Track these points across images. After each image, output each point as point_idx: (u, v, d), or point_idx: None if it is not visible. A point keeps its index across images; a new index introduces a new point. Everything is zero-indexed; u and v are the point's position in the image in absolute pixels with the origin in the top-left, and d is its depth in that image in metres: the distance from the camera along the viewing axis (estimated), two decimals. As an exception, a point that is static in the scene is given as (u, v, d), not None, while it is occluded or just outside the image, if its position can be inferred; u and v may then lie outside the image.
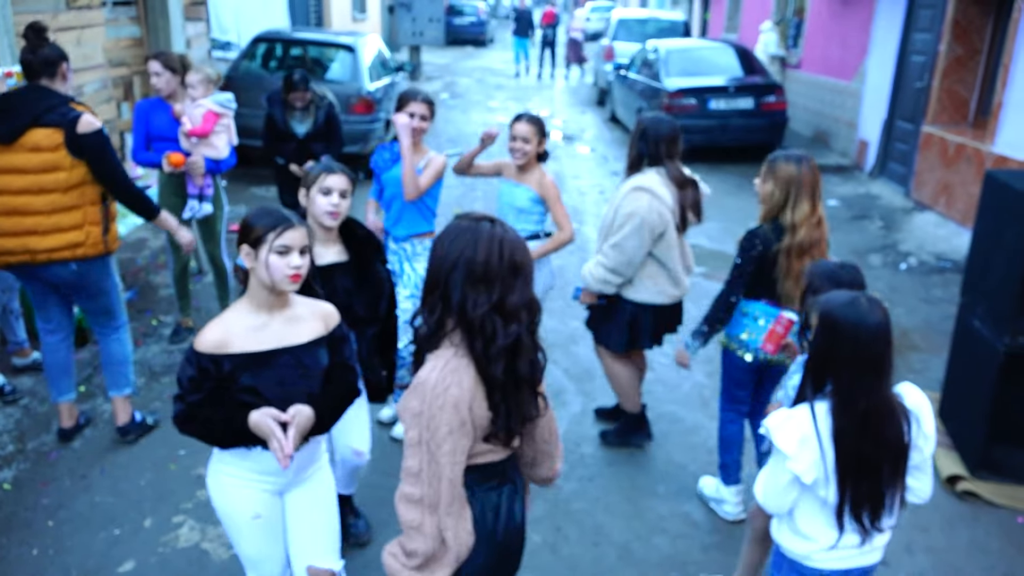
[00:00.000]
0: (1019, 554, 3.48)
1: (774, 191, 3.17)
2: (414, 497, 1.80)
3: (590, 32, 30.01)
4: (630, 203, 3.63)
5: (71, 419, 4.05)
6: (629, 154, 3.78)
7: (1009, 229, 3.78)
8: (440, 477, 1.79)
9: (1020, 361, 3.71)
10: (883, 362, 2.06)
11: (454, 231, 1.86)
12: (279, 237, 2.18)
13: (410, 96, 3.91)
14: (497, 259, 1.81)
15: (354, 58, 9.07)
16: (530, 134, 3.88)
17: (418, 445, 1.79)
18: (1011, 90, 7.06)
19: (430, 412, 1.78)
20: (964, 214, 7.61)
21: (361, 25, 17.91)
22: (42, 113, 3.46)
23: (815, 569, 2.27)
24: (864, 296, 2.12)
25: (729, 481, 3.63)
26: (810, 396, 2.13)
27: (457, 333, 1.84)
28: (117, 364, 4.01)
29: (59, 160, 3.49)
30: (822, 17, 11.87)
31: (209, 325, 2.27)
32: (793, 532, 2.28)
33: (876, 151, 9.88)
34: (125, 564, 3.24)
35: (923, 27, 8.91)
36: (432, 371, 1.81)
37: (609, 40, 16.46)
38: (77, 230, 3.60)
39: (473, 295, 1.80)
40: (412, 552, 1.81)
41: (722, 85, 10.70)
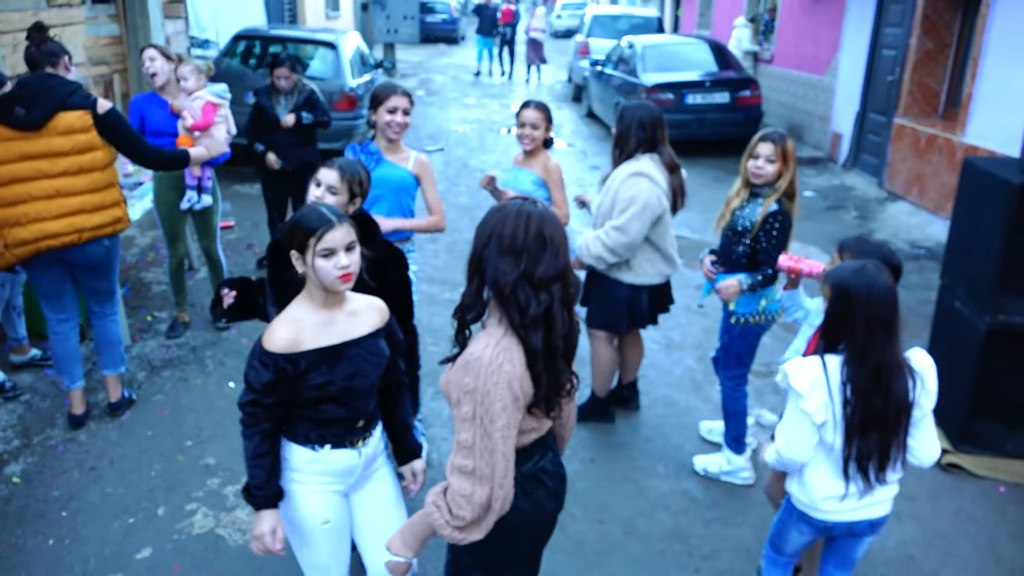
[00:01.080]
0: (1002, 520, 3.66)
1: (786, 167, 3.50)
2: (467, 469, 1.89)
3: (562, 29, 30.21)
4: (630, 188, 3.74)
5: (83, 406, 4.14)
6: (621, 142, 3.83)
7: (987, 213, 3.96)
8: (493, 451, 1.87)
9: (1000, 338, 3.90)
10: (893, 321, 2.25)
11: (491, 211, 1.98)
12: (320, 241, 2.15)
13: (388, 91, 3.64)
14: (523, 231, 1.90)
15: (336, 55, 9.10)
16: (538, 120, 3.94)
17: (472, 420, 1.87)
18: (980, 82, 7.30)
19: (484, 388, 1.85)
20: (936, 203, 7.85)
21: (335, 22, 17.84)
22: (66, 96, 3.59)
23: (822, 520, 2.46)
24: (871, 263, 2.31)
25: (741, 450, 3.85)
26: (822, 351, 2.35)
27: (497, 308, 1.93)
28: (115, 344, 4.17)
29: (93, 140, 3.68)
30: (794, 13, 12.11)
31: (276, 325, 2.23)
32: (801, 483, 2.46)
33: (849, 143, 10.12)
34: (142, 551, 3.29)
35: (894, 22, 9.16)
36: (485, 348, 1.88)
37: (584, 36, 16.61)
38: (117, 207, 3.85)
39: (503, 266, 1.90)
40: (458, 516, 1.90)
41: (698, 80, 10.89)
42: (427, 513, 1.97)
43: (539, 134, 3.97)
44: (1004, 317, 3.88)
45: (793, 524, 2.57)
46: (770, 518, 3.58)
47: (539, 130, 3.96)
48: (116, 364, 4.18)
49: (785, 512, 2.62)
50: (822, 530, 2.52)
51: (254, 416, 2.24)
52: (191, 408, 4.36)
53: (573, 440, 4.19)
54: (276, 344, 2.18)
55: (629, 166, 3.79)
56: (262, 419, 2.24)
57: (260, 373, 2.19)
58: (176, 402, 4.41)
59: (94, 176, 3.71)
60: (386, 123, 3.61)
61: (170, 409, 4.34)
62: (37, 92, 3.56)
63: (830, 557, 2.67)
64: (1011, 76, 6.89)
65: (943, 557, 3.42)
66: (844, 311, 2.27)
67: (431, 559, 3.20)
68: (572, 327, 1.99)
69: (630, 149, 3.81)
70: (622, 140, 3.83)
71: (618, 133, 3.84)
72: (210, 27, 10.31)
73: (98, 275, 3.96)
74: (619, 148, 3.85)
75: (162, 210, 5.00)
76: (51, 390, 4.46)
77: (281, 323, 2.23)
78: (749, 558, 3.38)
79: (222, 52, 9.32)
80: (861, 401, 2.25)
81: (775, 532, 2.70)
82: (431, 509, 1.96)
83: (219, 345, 5.09)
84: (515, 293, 1.89)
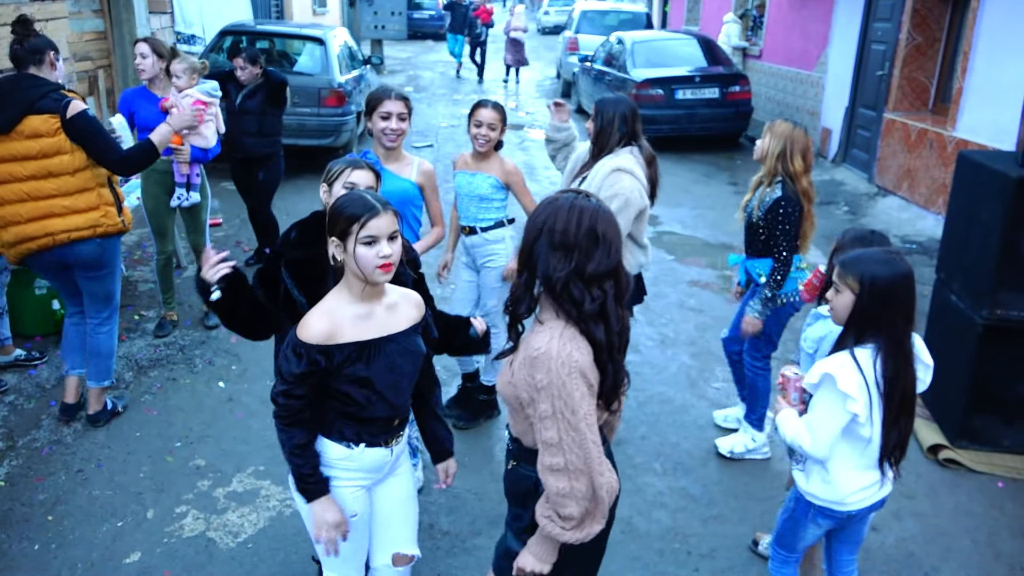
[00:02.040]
0: (1001, 516, 3.64)
1: (770, 142, 3.60)
2: (558, 466, 1.85)
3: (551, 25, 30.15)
4: (612, 184, 3.66)
5: (75, 396, 4.09)
6: (602, 137, 3.74)
7: (983, 207, 3.94)
8: (582, 442, 1.84)
9: (997, 333, 3.87)
10: (914, 307, 2.31)
11: (543, 204, 1.95)
12: (364, 228, 2.07)
13: (381, 95, 3.45)
14: (575, 227, 1.87)
15: (324, 50, 9.01)
16: (495, 120, 3.78)
17: (552, 416, 1.83)
18: (971, 76, 7.30)
19: (559, 381, 1.82)
20: (927, 198, 7.85)
21: (322, 18, 17.72)
22: (36, 100, 3.54)
23: (844, 512, 2.47)
24: (892, 251, 2.39)
25: (762, 428, 4.00)
26: (851, 345, 2.32)
27: (551, 302, 1.91)
28: (103, 356, 4.03)
29: (60, 144, 3.60)
30: (783, 8, 12.10)
31: (312, 316, 2.14)
32: (826, 481, 2.44)
33: (839, 138, 10.12)
34: (132, 555, 3.21)
35: (883, 16, 9.15)
36: (550, 341, 1.85)
37: (572, 32, 16.57)
38: (95, 210, 3.74)
39: (553, 261, 1.87)
40: (567, 516, 1.88)
41: (688, 75, 10.87)
42: (540, 525, 1.95)
43: (495, 135, 3.80)
44: (1001, 312, 3.85)
45: (809, 520, 2.55)
46: (769, 516, 3.56)
47: (495, 131, 3.79)
48: (100, 377, 4.04)
49: (798, 511, 2.58)
50: (842, 520, 2.53)
51: (287, 408, 2.18)
52: (180, 408, 4.29)
53: (569, 438, 4.16)
54: (311, 335, 2.10)
55: (611, 161, 3.71)
56: (296, 410, 2.18)
57: (293, 364, 2.12)
58: (165, 402, 4.33)
59: (63, 180, 3.64)
60: (380, 130, 3.43)
61: (159, 410, 4.26)
62: (7, 94, 3.54)
63: (842, 543, 2.67)
64: (1002, 70, 6.89)
65: (943, 553, 3.40)
66: (879, 303, 2.26)
67: (425, 560, 3.15)
68: (625, 323, 1.97)
69: (612, 144, 3.74)
70: (603, 135, 3.75)
71: (599, 128, 3.75)
72: (196, 22, 10.19)
73: (93, 277, 3.89)
74: (599, 144, 3.76)
75: (149, 206, 4.93)
76: (36, 391, 4.38)
77: (317, 314, 2.14)
78: (748, 557, 3.34)
79: (208, 48, 9.20)
80: (897, 391, 2.28)
81: (785, 531, 2.66)
82: (542, 522, 1.94)
83: (208, 344, 5.01)
84: (567, 289, 1.87)
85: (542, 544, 2.00)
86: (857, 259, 2.35)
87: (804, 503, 2.54)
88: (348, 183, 2.47)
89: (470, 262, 4.09)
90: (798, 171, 3.56)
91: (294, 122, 7.85)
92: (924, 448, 4.08)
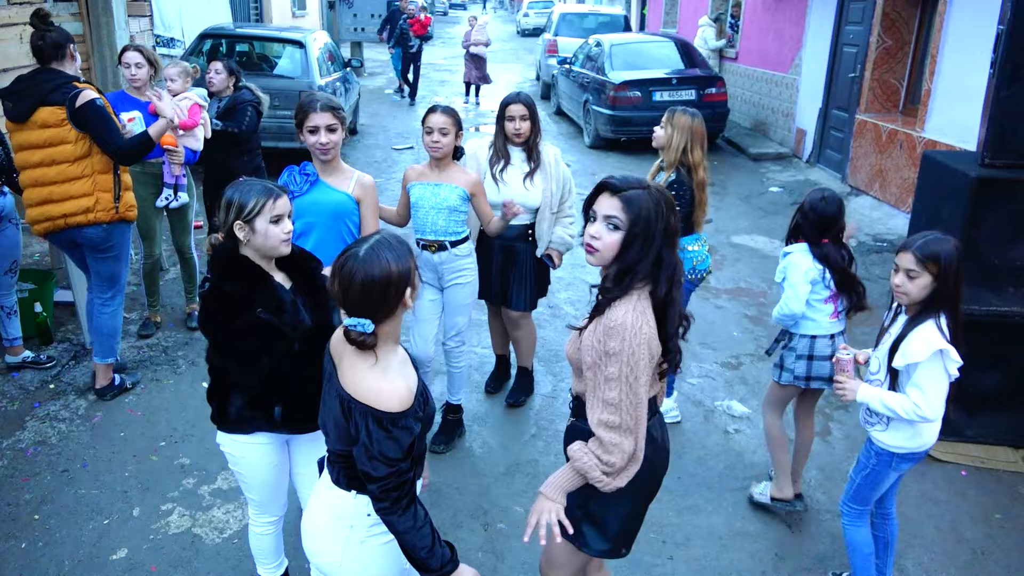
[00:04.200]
0: (964, 503, 3.78)
1: (674, 135, 3.92)
2: (614, 423, 2.07)
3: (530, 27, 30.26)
4: (565, 169, 4.14)
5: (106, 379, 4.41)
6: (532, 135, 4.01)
7: (946, 205, 4.08)
8: (638, 404, 2.07)
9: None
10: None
11: (646, 204, 2.08)
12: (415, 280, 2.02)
13: (308, 108, 3.16)
14: (675, 216, 2.13)
15: (304, 53, 9.06)
16: (449, 125, 3.63)
17: (618, 379, 2.04)
18: (939, 79, 7.49)
19: (630, 349, 2.03)
20: (898, 197, 8.03)
21: (301, 21, 17.73)
22: (48, 93, 3.83)
23: (924, 451, 2.90)
24: (942, 234, 2.77)
25: (669, 393, 4.36)
26: (935, 318, 2.72)
27: (643, 281, 2.10)
28: (107, 335, 4.27)
29: (64, 134, 3.89)
30: (758, 11, 12.29)
31: (379, 382, 1.93)
32: (914, 432, 2.81)
33: (813, 139, 10.30)
34: (118, 552, 3.27)
35: (855, 20, 9.34)
36: (627, 314, 2.05)
37: (552, 35, 16.70)
38: (87, 196, 3.99)
39: (667, 249, 2.11)
40: (608, 463, 2.10)
41: (665, 77, 11.02)
42: (575, 461, 2.14)
43: (448, 140, 3.64)
44: (963, 307, 3.98)
45: (892, 469, 2.91)
46: (741, 505, 3.68)
47: (448, 136, 3.63)
48: (104, 354, 4.31)
49: (880, 465, 2.91)
50: (920, 458, 2.94)
51: (404, 486, 1.95)
52: (164, 409, 4.34)
53: (547, 433, 4.25)
54: (404, 401, 1.93)
55: (550, 149, 4.10)
56: (411, 484, 1.99)
57: (397, 442, 1.91)
58: (148, 403, 4.38)
59: (63, 167, 3.93)
60: (311, 145, 3.19)
61: (143, 410, 4.31)
62: (25, 87, 3.87)
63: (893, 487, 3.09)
64: (967, 72, 7.08)
65: (907, 540, 3.53)
66: (955, 282, 2.68)
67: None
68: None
69: (536, 133, 4.03)
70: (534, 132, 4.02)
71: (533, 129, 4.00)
72: (175, 25, 10.20)
73: (99, 258, 4.16)
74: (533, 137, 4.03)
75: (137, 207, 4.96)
76: (19, 393, 4.41)
77: (388, 377, 1.95)
78: (721, 545, 3.46)
79: (188, 51, 9.22)
80: (958, 347, 2.72)
81: (863, 487, 2.98)
82: (580, 457, 2.12)
83: (191, 345, 5.06)
84: (674, 272, 2.12)
85: (563, 482, 2.19)
86: (930, 246, 2.69)
87: (887, 456, 2.88)
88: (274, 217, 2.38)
89: (433, 280, 3.89)
90: (697, 162, 3.92)
91: (275, 125, 7.88)
92: (891, 439, 4.21)
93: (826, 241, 3.35)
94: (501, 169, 4.02)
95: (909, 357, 2.71)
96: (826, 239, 3.35)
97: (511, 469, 3.96)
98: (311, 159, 3.29)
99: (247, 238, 2.37)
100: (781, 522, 3.62)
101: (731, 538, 3.51)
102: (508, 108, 3.95)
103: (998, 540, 3.55)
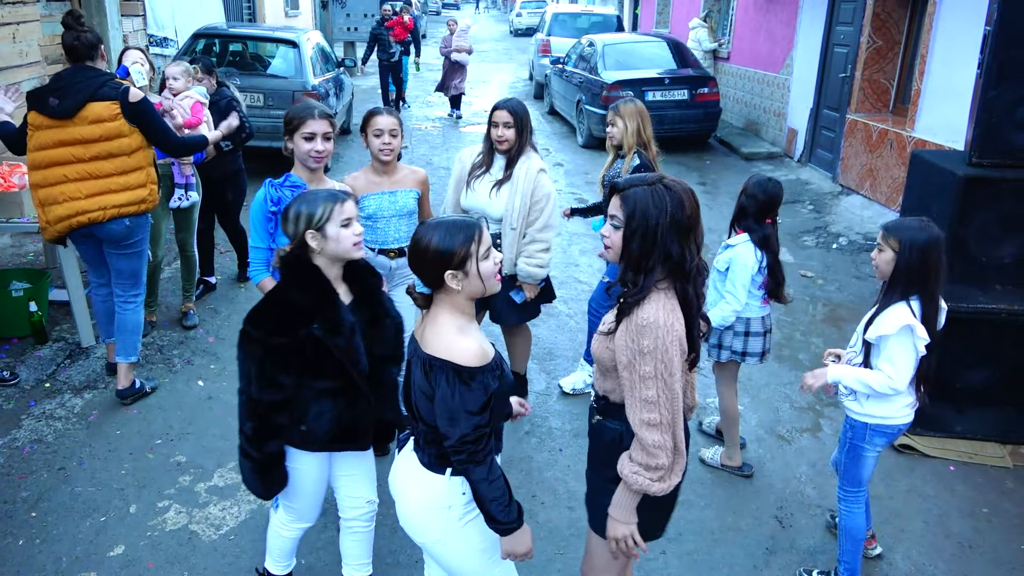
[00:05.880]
0: (952, 497, 3.83)
1: (627, 124, 4.11)
2: (654, 421, 2.08)
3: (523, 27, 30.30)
4: (543, 185, 3.95)
5: (126, 380, 4.38)
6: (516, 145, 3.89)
7: (934, 203, 4.13)
8: (674, 400, 2.09)
9: (947, 324, 4.01)
10: (943, 267, 2.89)
11: (643, 197, 2.07)
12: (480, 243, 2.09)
13: (304, 114, 3.13)
14: (695, 207, 2.11)
15: (297, 53, 9.07)
16: (396, 126, 3.56)
17: (654, 378, 2.06)
18: (928, 78, 7.55)
19: (663, 347, 2.05)
20: (888, 196, 8.10)
21: (294, 20, 17.73)
22: (97, 88, 3.93)
23: (897, 426, 3.05)
24: (925, 220, 2.92)
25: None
26: (901, 298, 2.87)
27: (664, 281, 2.11)
28: (130, 332, 4.31)
29: (121, 128, 4.01)
30: (749, 11, 12.35)
31: (464, 341, 2.06)
32: (881, 400, 2.96)
33: (804, 139, 10.37)
34: (115, 549, 3.29)
35: (845, 20, 9.41)
36: (657, 312, 2.06)
37: (545, 35, 16.74)
38: (143, 187, 4.15)
39: (687, 246, 2.09)
40: (657, 467, 2.11)
41: (658, 77, 11.07)
42: (628, 481, 2.15)
43: (399, 142, 3.59)
44: (951, 304, 4.02)
45: (869, 445, 3.05)
46: (733, 500, 3.73)
47: (398, 137, 3.58)
48: (128, 352, 4.32)
49: (856, 437, 3.07)
50: (892, 436, 3.09)
51: (480, 441, 2.07)
52: (159, 407, 4.36)
53: (540, 431, 4.28)
54: (478, 357, 2.05)
55: (528, 164, 3.92)
56: (487, 439, 2.09)
57: (475, 395, 2.02)
58: (145, 401, 4.40)
59: (121, 160, 4.06)
60: (305, 152, 3.14)
61: (139, 408, 4.33)
62: (69, 84, 3.93)
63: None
64: (956, 72, 7.14)
65: (896, 534, 3.58)
66: (920, 262, 2.82)
67: (404, 549, 3.25)
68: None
69: (522, 144, 3.93)
70: (521, 139, 3.91)
71: (515, 137, 3.88)
72: (169, 25, 10.21)
73: (121, 254, 4.22)
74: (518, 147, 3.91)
75: None
76: (15, 392, 4.42)
77: (458, 336, 2.07)
78: (712, 539, 3.50)
79: (181, 50, 9.22)
80: (930, 331, 2.87)
81: (849, 465, 3.12)
82: (631, 477, 2.14)
83: (186, 344, 5.08)
84: (697, 270, 2.11)
85: (624, 504, 2.21)
86: (898, 225, 2.92)
87: (860, 427, 3.04)
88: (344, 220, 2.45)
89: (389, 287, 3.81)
90: (648, 139, 4.15)
91: (268, 124, 7.90)
92: (881, 435, 4.27)
93: (769, 221, 3.58)
94: (479, 175, 3.96)
95: (880, 330, 2.88)
96: (769, 219, 3.59)
97: (505, 466, 3.95)
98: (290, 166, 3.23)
99: (320, 246, 2.40)
100: (772, 517, 3.66)
101: (723, 533, 3.55)
102: (494, 113, 3.90)
103: (985, 534, 3.60)
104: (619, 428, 2.24)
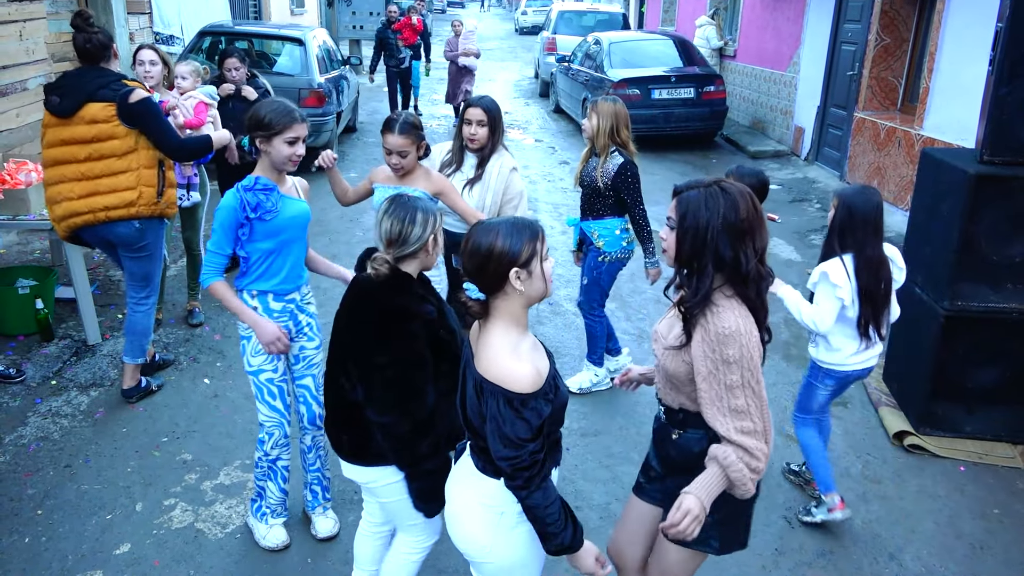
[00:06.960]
0: (962, 498, 3.80)
1: (599, 122, 4.14)
2: (749, 429, 2.07)
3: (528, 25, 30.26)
4: (515, 183, 3.99)
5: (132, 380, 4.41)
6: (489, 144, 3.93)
7: (944, 201, 4.10)
8: (763, 406, 2.09)
9: (958, 323, 4.04)
10: (880, 226, 3.18)
11: (696, 198, 2.05)
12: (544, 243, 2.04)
13: (286, 118, 2.98)
14: (752, 210, 2.05)
15: (304, 51, 9.06)
16: (405, 146, 3.53)
17: (742, 387, 2.05)
18: (937, 76, 7.51)
19: (748, 355, 2.04)
20: (896, 195, 8.05)
21: (300, 19, 17.73)
22: (96, 90, 3.91)
23: (844, 372, 3.39)
24: (866, 186, 3.28)
25: (601, 364, 4.70)
26: (837, 252, 3.21)
27: (726, 286, 2.08)
28: (139, 334, 4.29)
29: (114, 130, 3.96)
30: (756, 9, 12.30)
31: (511, 363, 1.96)
32: (828, 349, 3.38)
33: (811, 137, 10.32)
34: (121, 547, 3.28)
35: (853, 18, 9.36)
36: (736, 319, 2.04)
37: (550, 33, 16.71)
38: (131, 190, 4.04)
39: (743, 249, 2.04)
40: (756, 469, 2.10)
41: (664, 75, 11.03)
42: (726, 469, 2.08)
43: (410, 160, 3.58)
44: (961, 303, 4.02)
45: (819, 383, 3.46)
46: (741, 500, 3.69)
47: (407, 157, 3.56)
48: (135, 354, 4.32)
49: (811, 377, 3.51)
50: (841, 380, 3.43)
51: (535, 467, 1.99)
52: (165, 405, 4.35)
53: (548, 429, 4.27)
54: (533, 382, 1.95)
55: (504, 162, 3.95)
56: (542, 464, 2.02)
57: (531, 420, 1.95)
58: (150, 399, 4.39)
59: (110, 161, 4.00)
60: (285, 156, 2.99)
61: (144, 406, 4.32)
62: (72, 83, 3.93)
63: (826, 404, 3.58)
64: (965, 70, 7.10)
65: (907, 535, 3.55)
66: (850, 218, 3.16)
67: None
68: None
69: (495, 142, 3.96)
70: (490, 143, 3.93)
71: (487, 136, 3.91)
72: (175, 23, 10.20)
73: (132, 257, 4.19)
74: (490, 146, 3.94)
75: None
76: (21, 389, 4.42)
77: (510, 358, 1.97)
78: (721, 539, 3.47)
79: (187, 48, 9.22)
80: (865, 282, 3.17)
81: (802, 396, 3.55)
82: (733, 464, 2.07)
83: (192, 342, 5.07)
84: (757, 272, 2.07)
85: (712, 486, 2.12)
86: (842, 188, 3.32)
87: (815, 368, 3.47)
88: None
89: None
90: (625, 140, 4.17)
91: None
92: (890, 435, 4.23)
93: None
94: (450, 173, 3.97)
95: (811, 279, 3.31)
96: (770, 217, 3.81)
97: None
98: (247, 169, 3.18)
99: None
100: (781, 517, 3.64)
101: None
102: (467, 111, 3.89)
103: (996, 535, 3.57)
104: (704, 435, 2.21)
